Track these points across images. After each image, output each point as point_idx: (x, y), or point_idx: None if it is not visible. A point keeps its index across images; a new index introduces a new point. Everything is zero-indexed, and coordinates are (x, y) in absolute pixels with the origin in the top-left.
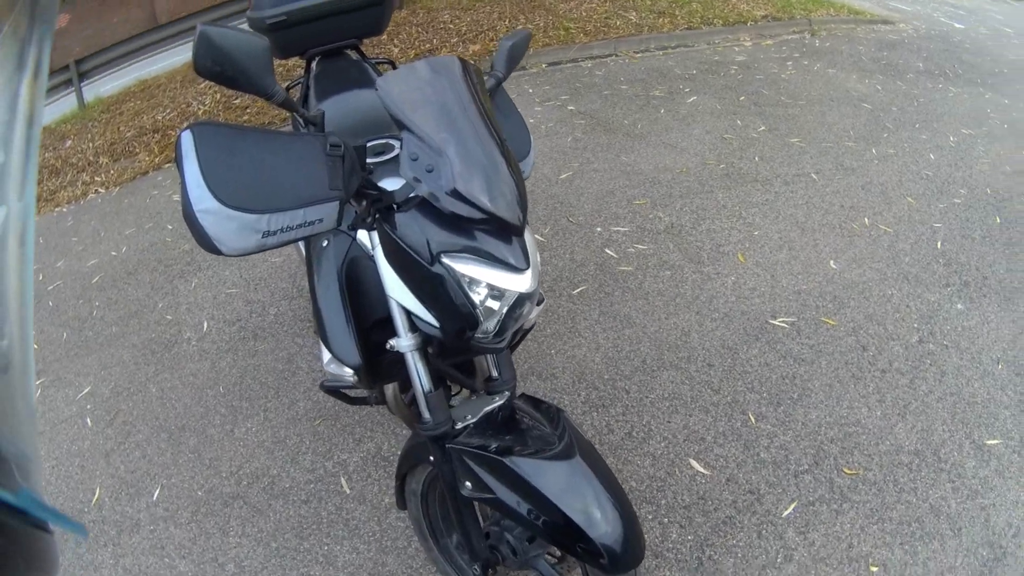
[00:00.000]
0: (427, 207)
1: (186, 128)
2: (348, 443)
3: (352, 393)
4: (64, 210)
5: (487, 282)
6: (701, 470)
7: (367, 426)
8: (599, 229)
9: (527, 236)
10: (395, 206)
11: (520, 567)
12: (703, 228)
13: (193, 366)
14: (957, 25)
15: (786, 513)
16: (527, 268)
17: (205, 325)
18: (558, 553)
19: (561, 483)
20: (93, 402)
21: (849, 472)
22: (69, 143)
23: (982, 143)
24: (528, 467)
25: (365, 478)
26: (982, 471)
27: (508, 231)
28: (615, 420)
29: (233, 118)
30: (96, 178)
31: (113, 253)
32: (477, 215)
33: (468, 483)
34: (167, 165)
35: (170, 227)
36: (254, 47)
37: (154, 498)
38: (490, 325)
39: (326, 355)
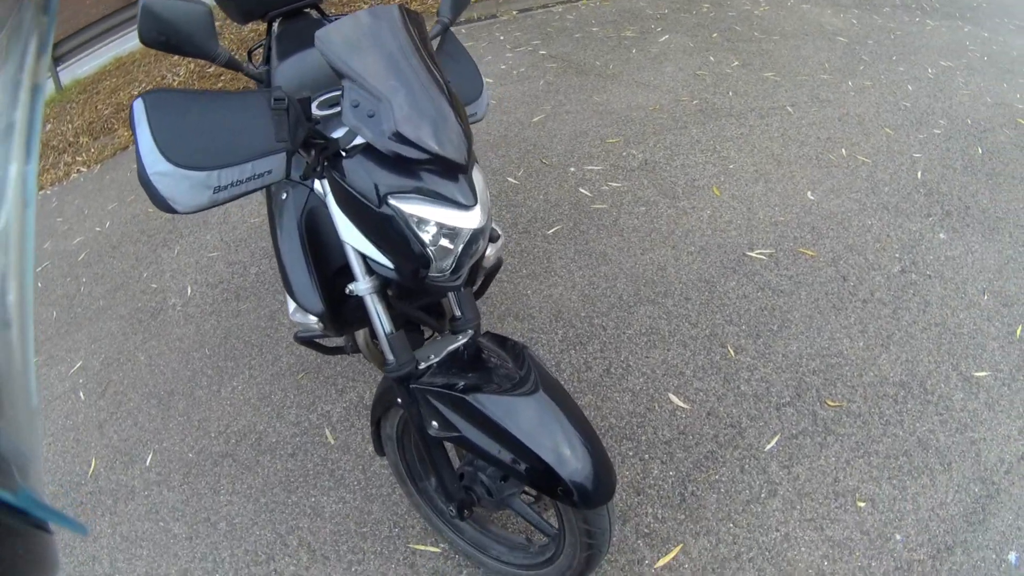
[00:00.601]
0: (373, 152)
1: (137, 97)
2: (331, 394)
3: (328, 343)
4: (48, 192)
5: (436, 220)
6: (681, 404)
7: (348, 376)
8: (572, 169)
9: (476, 174)
10: (342, 153)
11: (496, 507)
12: (677, 163)
13: (179, 331)
14: None
15: (769, 447)
16: (475, 204)
17: (189, 290)
18: (534, 492)
19: (526, 420)
20: (85, 376)
21: (832, 404)
22: (48, 127)
23: (961, 75)
24: (492, 404)
25: (348, 428)
26: (971, 404)
27: (453, 170)
28: (593, 357)
29: (208, 86)
30: (78, 158)
31: (97, 229)
32: (420, 156)
33: (435, 423)
34: None
35: None
36: (195, 13)
37: (147, 464)
38: (444, 264)
39: (291, 305)
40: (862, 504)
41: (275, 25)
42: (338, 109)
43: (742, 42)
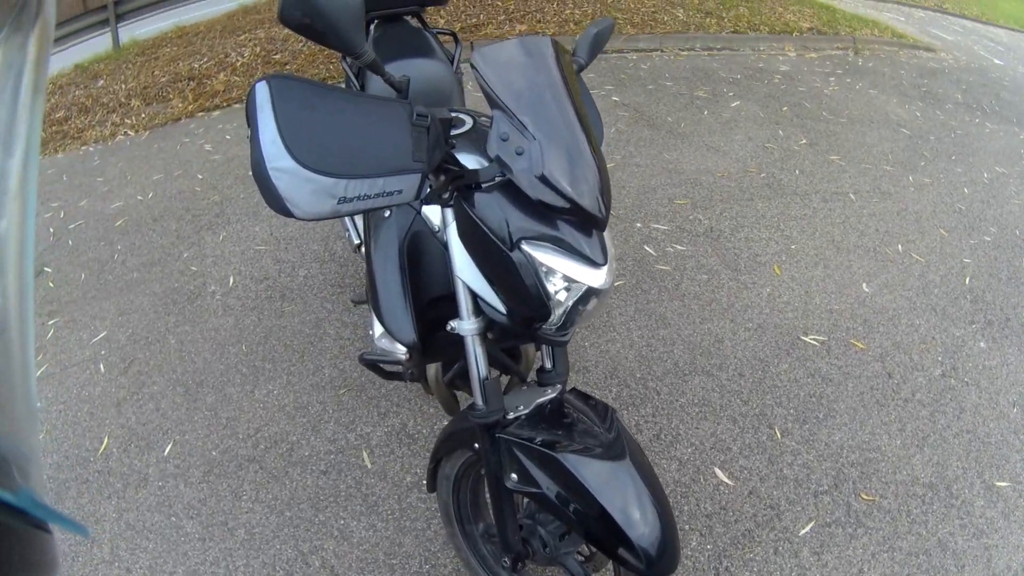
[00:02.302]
0: (510, 190)
1: (262, 79)
2: (373, 416)
3: (388, 368)
4: (91, 149)
5: (564, 273)
6: (725, 480)
7: (393, 400)
8: (639, 225)
9: (606, 231)
10: (474, 185)
11: (549, 562)
12: (741, 236)
13: (216, 321)
14: (996, 61)
15: (803, 532)
16: (604, 264)
17: (231, 280)
18: (587, 551)
19: (608, 482)
20: (108, 348)
21: (866, 498)
22: (101, 83)
23: (1014, 183)
24: (576, 463)
25: (388, 454)
26: (989, 511)
27: (590, 224)
28: (644, 420)
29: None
30: (126, 120)
31: (139, 197)
32: (562, 204)
33: (514, 475)
34: (200, 114)
35: (200, 176)
36: (348, 3)
37: (165, 453)
38: (556, 316)
39: (378, 329)
40: None
41: (372, 27)
42: (457, 131)
43: (810, 120)
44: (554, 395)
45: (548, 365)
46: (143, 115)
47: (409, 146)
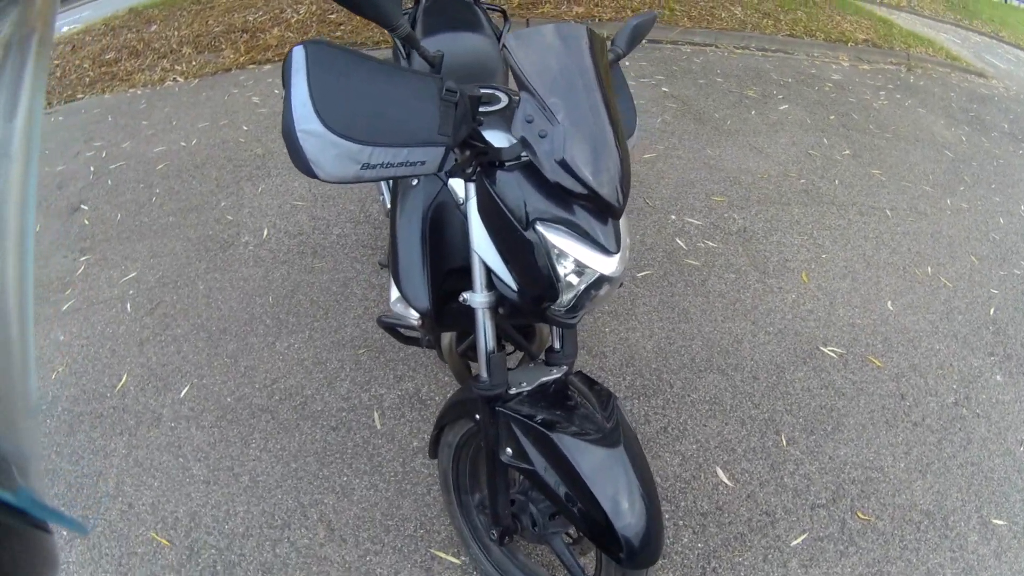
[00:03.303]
0: (531, 171)
1: (300, 44)
2: (388, 378)
3: (405, 332)
4: (139, 92)
5: (575, 257)
6: (725, 480)
7: (410, 365)
8: (673, 217)
9: (623, 220)
10: (499, 163)
11: (536, 540)
12: (774, 239)
13: (246, 271)
14: None
15: (795, 543)
16: (617, 252)
17: (265, 232)
18: (574, 534)
19: (599, 468)
20: (136, 288)
21: (862, 517)
22: (154, 28)
23: None
24: (571, 446)
25: (399, 417)
26: (982, 548)
27: (607, 212)
28: (654, 412)
29: (327, 32)
30: (176, 66)
31: (183, 143)
32: (580, 190)
33: (509, 449)
34: (251, 66)
35: (245, 128)
36: None
37: (181, 395)
38: (565, 299)
39: (395, 293)
40: None
41: None
42: (490, 108)
43: (856, 132)
44: (559, 376)
45: (556, 346)
46: (194, 63)
47: (436, 120)
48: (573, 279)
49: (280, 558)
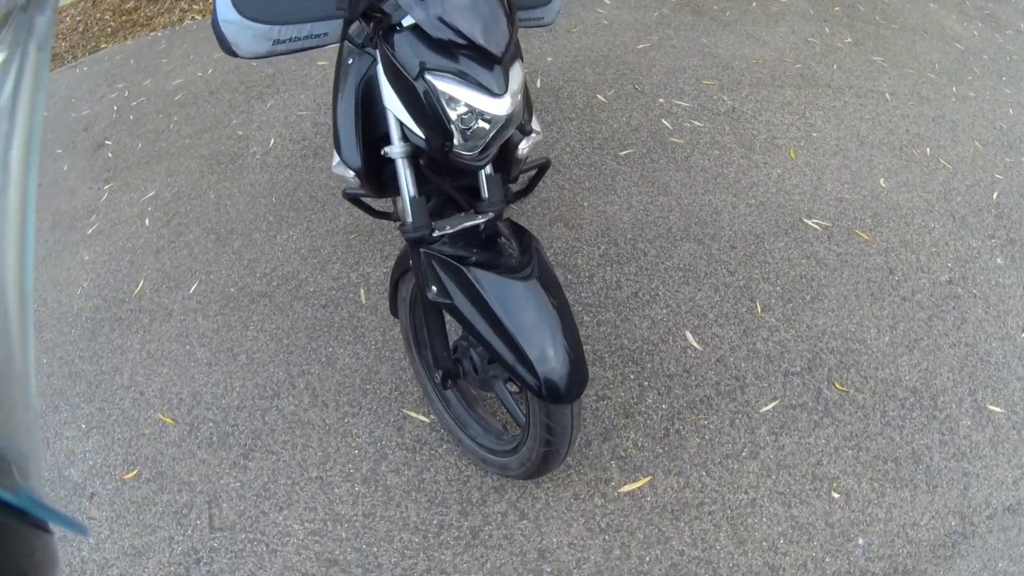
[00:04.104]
0: (422, 32)
1: None
2: (375, 258)
3: (376, 206)
4: (159, 34)
5: (465, 101)
6: (694, 344)
7: (396, 244)
8: (661, 100)
9: (516, 69)
10: (395, 27)
11: (479, 385)
12: (763, 118)
13: (253, 177)
14: None
15: (764, 409)
16: (504, 93)
17: (272, 141)
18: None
19: (513, 302)
20: (155, 205)
21: (840, 388)
22: None
23: None
24: (486, 280)
25: (382, 292)
26: (976, 435)
27: (490, 60)
28: (626, 278)
29: None
30: (195, 6)
31: (199, 74)
32: (460, 40)
33: (434, 288)
34: None
35: None
36: None
37: (190, 292)
38: (468, 142)
39: (335, 159)
40: (836, 495)
41: None
42: None
43: (861, 22)
44: (484, 220)
45: (484, 195)
46: (210, 1)
47: None
48: (473, 123)
49: (268, 425)
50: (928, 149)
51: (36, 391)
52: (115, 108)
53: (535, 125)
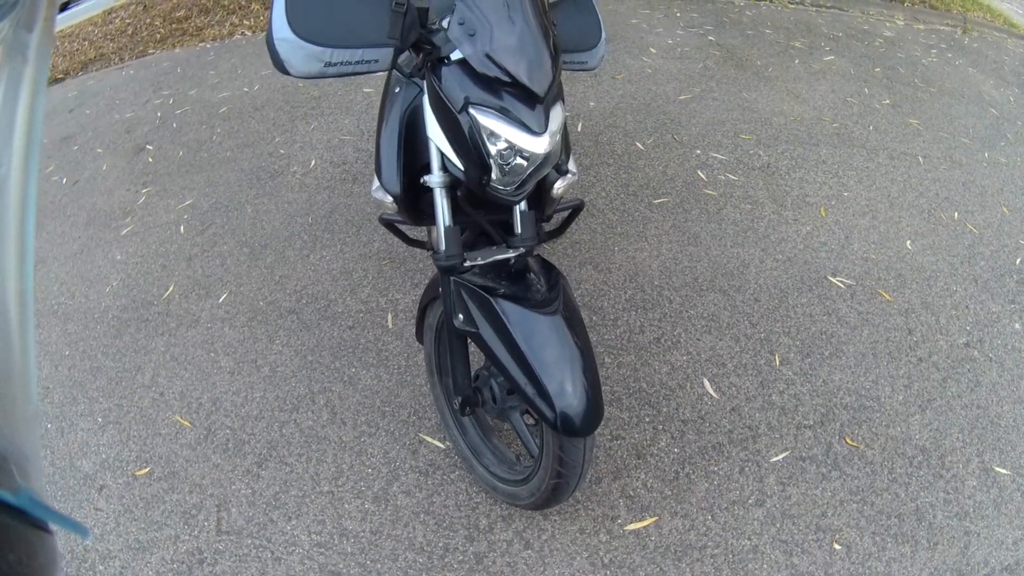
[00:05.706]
0: (469, 66)
1: None
2: (405, 285)
3: (410, 233)
4: (208, 46)
5: (505, 137)
6: (711, 392)
7: (427, 273)
8: (698, 151)
9: (556, 110)
10: (444, 60)
11: (497, 415)
12: (796, 175)
13: (291, 195)
14: None
15: (774, 459)
16: (543, 133)
17: (313, 162)
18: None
19: (536, 335)
20: (191, 213)
21: (850, 443)
22: None
23: None
24: (511, 311)
25: (409, 318)
26: (980, 495)
27: (532, 99)
28: (650, 323)
29: None
30: (245, 21)
31: (245, 89)
32: (504, 78)
33: (461, 315)
34: None
35: None
36: None
37: (219, 301)
38: (505, 177)
39: (375, 183)
40: (838, 547)
41: None
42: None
43: (900, 84)
44: (514, 255)
45: (517, 230)
46: (261, 17)
47: (387, 26)
48: (510, 159)
49: (285, 437)
50: (956, 213)
51: (36, 392)
52: (159, 114)
53: (572, 166)
